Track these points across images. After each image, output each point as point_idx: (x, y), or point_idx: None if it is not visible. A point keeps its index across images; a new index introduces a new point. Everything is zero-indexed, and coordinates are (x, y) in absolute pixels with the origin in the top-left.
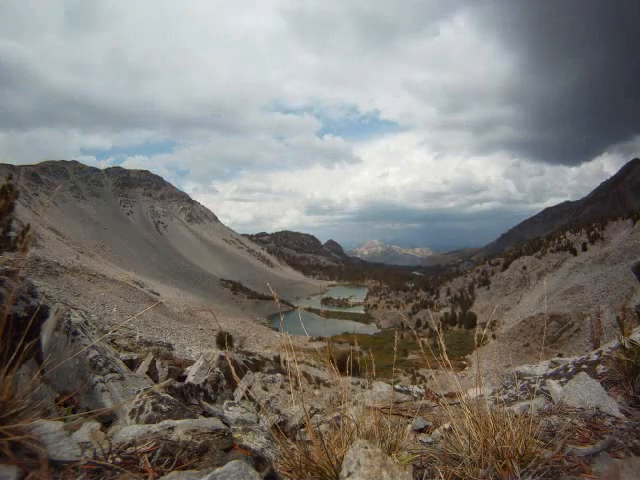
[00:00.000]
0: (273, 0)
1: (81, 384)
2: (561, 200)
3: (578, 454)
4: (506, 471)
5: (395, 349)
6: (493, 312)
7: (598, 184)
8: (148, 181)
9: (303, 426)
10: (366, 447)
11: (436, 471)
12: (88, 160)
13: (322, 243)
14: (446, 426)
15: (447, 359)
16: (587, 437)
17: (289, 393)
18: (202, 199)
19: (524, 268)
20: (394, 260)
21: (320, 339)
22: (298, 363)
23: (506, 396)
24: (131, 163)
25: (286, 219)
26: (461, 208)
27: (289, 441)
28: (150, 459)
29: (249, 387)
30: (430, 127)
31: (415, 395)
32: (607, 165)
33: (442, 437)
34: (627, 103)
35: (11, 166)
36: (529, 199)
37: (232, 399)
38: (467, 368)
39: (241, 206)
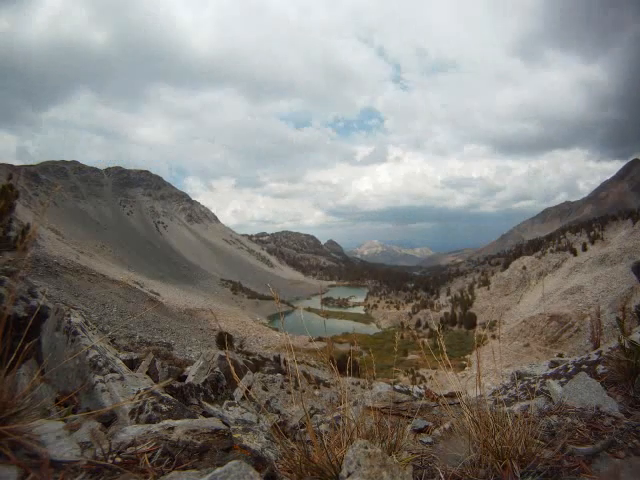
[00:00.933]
0: None
1: (81, 384)
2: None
3: (578, 454)
4: (506, 471)
5: (395, 349)
6: (493, 312)
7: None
8: (148, 181)
9: (303, 426)
10: (366, 447)
11: (436, 471)
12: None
13: (322, 243)
14: (446, 426)
15: (447, 359)
16: (587, 437)
17: (289, 393)
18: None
19: (524, 268)
20: (394, 260)
21: (320, 339)
22: (298, 363)
23: (506, 396)
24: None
25: (311, 219)
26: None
27: (289, 441)
28: (150, 459)
29: (249, 387)
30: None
31: (415, 395)
32: None
33: (442, 437)
34: None
35: (11, 166)
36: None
37: (232, 399)
38: (467, 368)
39: (277, 202)
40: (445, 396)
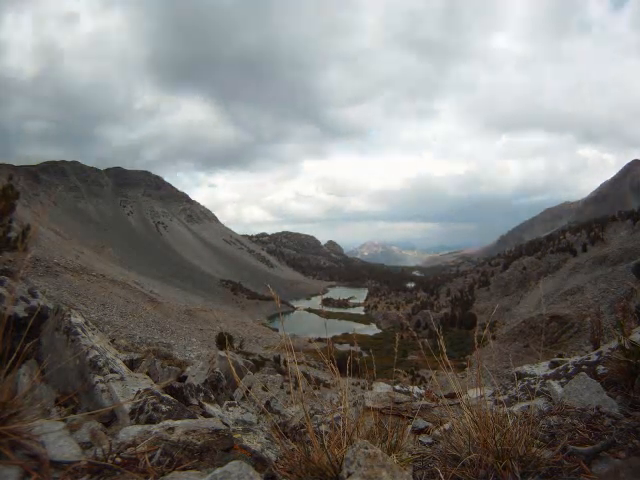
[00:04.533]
0: None
1: (81, 384)
2: None
3: (578, 454)
4: (506, 471)
5: (396, 350)
6: (493, 313)
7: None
8: (148, 181)
9: (303, 426)
10: (366, 447)
11: (436, 471)
12: None
13: (322, 243)
14: (446, 426)
15: (447, 360)
16: (587, 437)
17: (289, 393)
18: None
19: (524, 269)
20: (394, 261)
21: (320, 340)
22: (298, 364)
23: (506, 397)
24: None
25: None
26: None
27: (289, 441)
28: (150, 459)
29: (249, 387)
30: None
31: (415, 396)
32: None
33: (442, 437)
34: None
35: (11, 166)
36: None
37: (232, 399)
38: (467, 369)
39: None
40: (445, 397)
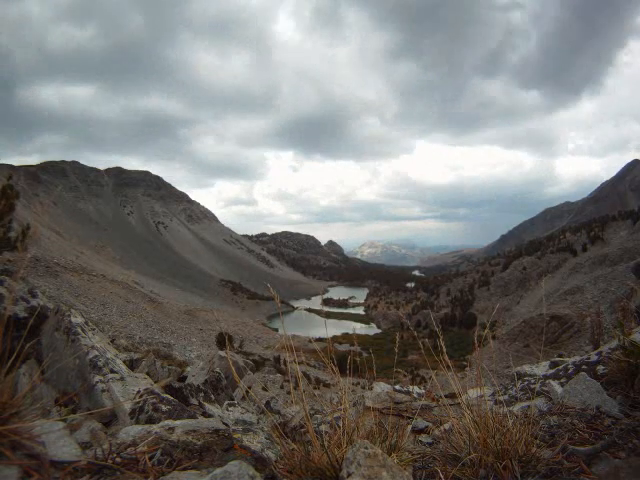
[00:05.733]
0: None
1: (81, 384)
2: None
3: (578, 454)
4: (506, 471)
5: (396, 350)
6: (493, 313)
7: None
8: (148, 181)
9: (303, 426)
10: (366, 447)
11: (436, 471)
12: None
13: (322, 243)
14: (446, 426)
15: (447, 360)
16: (587, 437)
17: (289, 393)
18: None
19: (524, 269)
20: (394, 261)
21: (320, 340)
22: (298, 364)
23: (506, 397)
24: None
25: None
26: None
27: (289, 441)
28: (150, 459)
29: (249, 387)
30: None
31: (415, 396)
32: None
33: (442, 437)
34: None
35: (11, 166)
36: None
37: (232, 399)
38: (467, 369)
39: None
40: (445, 396)
